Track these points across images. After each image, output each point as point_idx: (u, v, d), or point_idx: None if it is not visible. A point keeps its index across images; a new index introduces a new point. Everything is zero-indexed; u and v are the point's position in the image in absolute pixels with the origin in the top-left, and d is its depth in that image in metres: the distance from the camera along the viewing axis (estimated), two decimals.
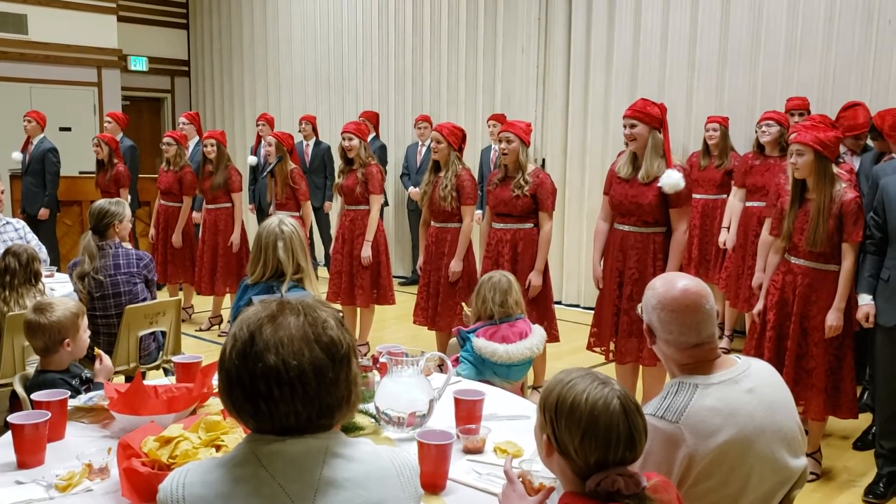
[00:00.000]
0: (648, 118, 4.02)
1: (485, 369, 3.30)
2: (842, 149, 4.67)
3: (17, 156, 7.65)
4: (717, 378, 1.92)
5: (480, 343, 3.28)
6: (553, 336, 4.73)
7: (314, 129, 8.25)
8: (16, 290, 3.66)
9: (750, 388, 1.92)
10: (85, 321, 2.87)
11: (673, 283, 1.99)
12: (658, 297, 1.97)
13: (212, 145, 6.36)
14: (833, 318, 3.65)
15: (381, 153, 8.09)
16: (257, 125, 8.10)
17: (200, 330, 6.64)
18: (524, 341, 3.38)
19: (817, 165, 3.62)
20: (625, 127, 4.08)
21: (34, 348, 2.81)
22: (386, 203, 7.43)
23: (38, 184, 7.48)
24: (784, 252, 3.85)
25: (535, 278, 4.62)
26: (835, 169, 3.73)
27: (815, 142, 3.59)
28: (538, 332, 3.50)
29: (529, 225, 4.67)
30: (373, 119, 8.26)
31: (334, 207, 7.36)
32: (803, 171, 3.65)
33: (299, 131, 8.25)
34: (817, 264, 3.72)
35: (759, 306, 3.94)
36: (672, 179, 3.95)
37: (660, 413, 1.85)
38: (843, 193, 3.63)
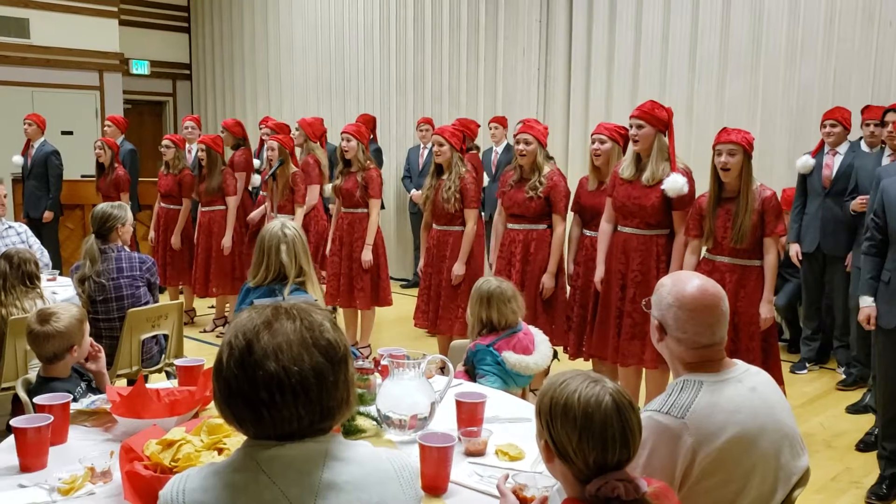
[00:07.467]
0: (655, 120, 4.03)
1: (509, 380, 3.25)
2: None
3: (18, 159, 7.64)
4: (722, 376, 1.93)
5: (514, 359, 3.17)
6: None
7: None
8: (11, 293, 3.66)
9: (752, 386, 1.94)
10: (87, 326, 2.88)
11: (691, 281, 1.98)
12: (675, 294, 1.95)
13: (202, 150, 6.39)
14: (766, 311, 3.88)
15: (377, 156, 8.08)
16: (260, 129, 8.11)
17: (204, 331, 6.65)
18: (540, 348, 3.31)
19: (745, 164, 3.84)
20: (631, 127, 4.12)
21: (40, 357, 2.80)
22: (383, 206, 7.41)
23: (41, 187, 7.49)
24: (700, 252, 4.04)
25: (547, 280, 4.60)
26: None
27: (744, 141, 3.83)
28: (541, 334, 3.44)
29: (542, 226, 4.65)
30: (369, 123, 8.25)
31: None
32: (735, 169, 3.83)
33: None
34: (743, 260, 3.91)
35: None
36: (676, 184, 3.97)
37: (665, 409, 1.86)
38: (762, 190, 3.87)
